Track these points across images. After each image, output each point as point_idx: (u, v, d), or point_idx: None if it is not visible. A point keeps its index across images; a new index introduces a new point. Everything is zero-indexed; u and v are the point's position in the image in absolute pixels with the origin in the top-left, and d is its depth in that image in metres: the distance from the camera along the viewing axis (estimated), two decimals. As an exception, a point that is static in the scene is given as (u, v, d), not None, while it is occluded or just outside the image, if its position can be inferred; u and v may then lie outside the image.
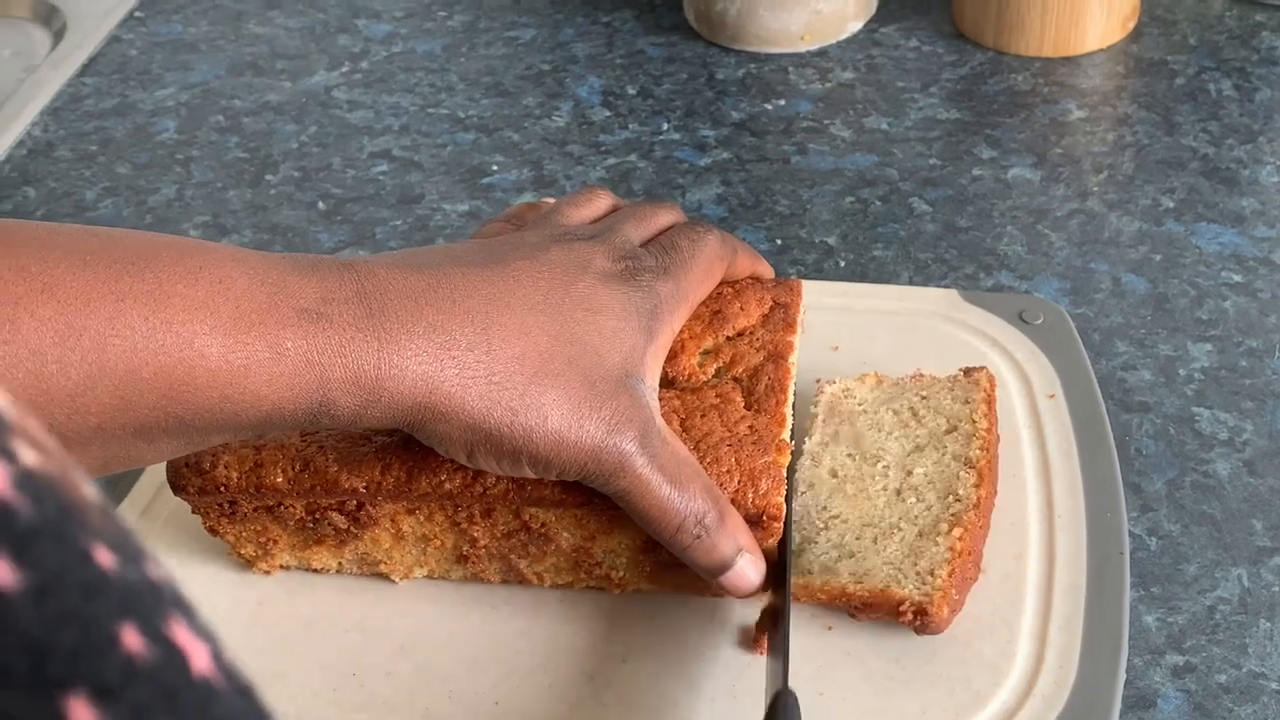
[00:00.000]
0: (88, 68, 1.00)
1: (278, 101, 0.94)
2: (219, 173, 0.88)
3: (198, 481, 0.55)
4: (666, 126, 0.89)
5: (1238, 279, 0.73)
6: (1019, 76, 0.91)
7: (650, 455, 0.50)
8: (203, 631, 0.20)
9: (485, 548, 0.56)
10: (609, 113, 0.91)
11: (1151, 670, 0.55)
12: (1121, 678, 0.52)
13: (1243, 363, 0.68)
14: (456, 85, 0.95)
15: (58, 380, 0.41)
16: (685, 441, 0.53)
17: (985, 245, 0.77)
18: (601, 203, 0.60)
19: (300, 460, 0.54)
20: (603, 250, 0.54)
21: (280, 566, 0.59)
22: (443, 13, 1.03)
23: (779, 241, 0.78)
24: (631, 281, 0.53)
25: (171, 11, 1.06)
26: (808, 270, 0.76)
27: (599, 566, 0.56)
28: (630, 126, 0.89)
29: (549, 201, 0.62)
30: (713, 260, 0.57)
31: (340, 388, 0.46)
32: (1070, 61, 0.91)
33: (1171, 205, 0.79)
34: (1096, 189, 0.81)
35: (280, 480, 0.54)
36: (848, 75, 0.93)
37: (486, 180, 0.86)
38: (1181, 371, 0.68)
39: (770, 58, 0.95)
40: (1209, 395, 0.67)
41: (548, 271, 0.52)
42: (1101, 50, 0.92)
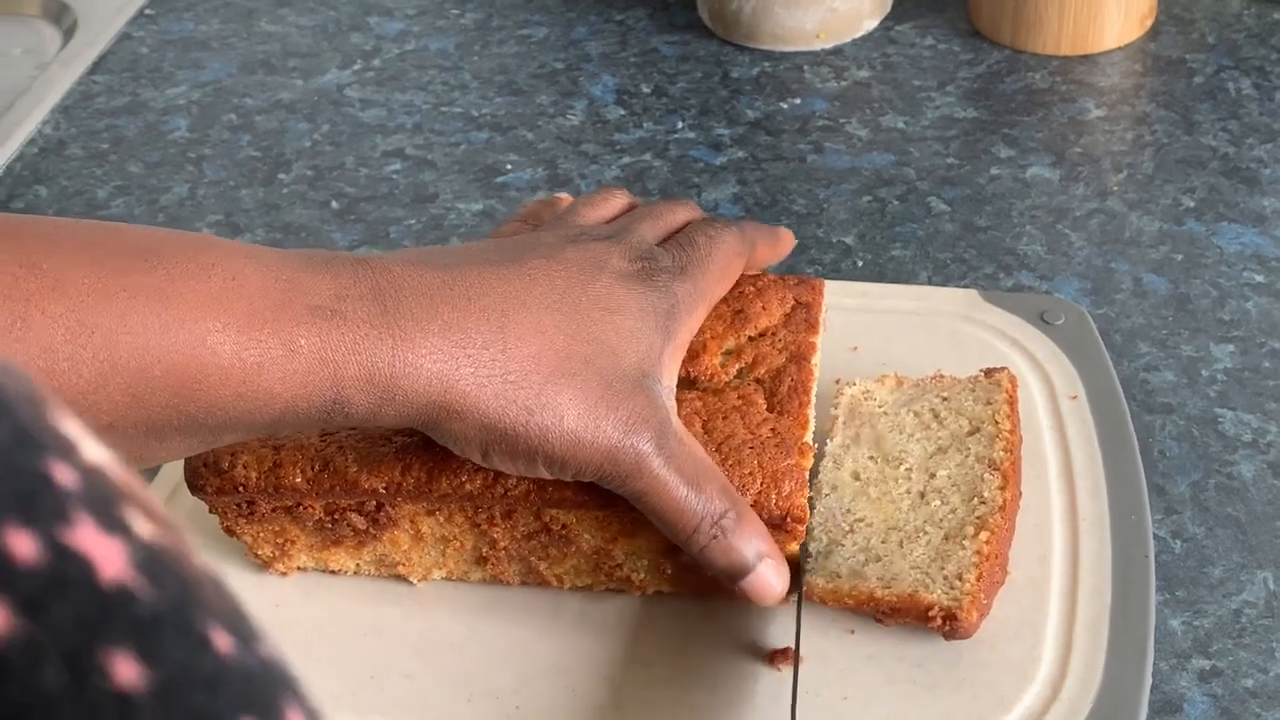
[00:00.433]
0: (98, 66, 0.99)
1: (290, 100, 0.94)
2: (231, 171, 0.87)
3: (216, 481, 0.54)
4: (681, 125, 0.88)
5: (1260, 279, 0.73)
6: (1036, 75, 0.90)
7: (667, 456, 0.50)
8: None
9: (505, 549, 0.55)
10: (623, 111, 0.90)
11: (1177, 675, 0.54)
12: (1148, 682, 0.51)
13: (1266, 364, 0.68)
14: (470, 83, 0.94)
15: (69, 378, 0.41)
16: (707, 444, 0.53)
17: (1004, 245, 0.76)
18: (618, 202, 0.59)
19: (320, 460, 0.53)
20: (619, 250, 0.53)
21: (298, 568, 0.58)
22: (455, 10, 1.03)
23: (796, 241, 0.78)
24: (648, 281, 0.52)
25: (183, 9, 1.05)
26: (825, 270, 0.76)
27: (620, 569, 0.55)
28: (645, 125, 0.89)
29: (564, 197, 0.62)
30: (730, 257, 0.56)
31: (354, 385, 0.45)
32: (1088, 60, 0.91)
33: (1192, 205, 0.78)
34: (1116, 188, 0.80)
35: (299, 480, 0.53)
36: (863, 74, 0.92)
37: (501, 179, 0.85)
38: (1204, 373, 0.67)
39: (785, 56, 0.94)
40: (1232, 396, 0.66)
41: (564, 270, 0.51)
42: (1119, 49, 0.91)
